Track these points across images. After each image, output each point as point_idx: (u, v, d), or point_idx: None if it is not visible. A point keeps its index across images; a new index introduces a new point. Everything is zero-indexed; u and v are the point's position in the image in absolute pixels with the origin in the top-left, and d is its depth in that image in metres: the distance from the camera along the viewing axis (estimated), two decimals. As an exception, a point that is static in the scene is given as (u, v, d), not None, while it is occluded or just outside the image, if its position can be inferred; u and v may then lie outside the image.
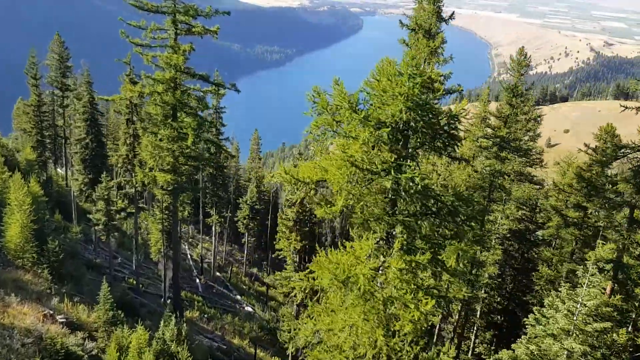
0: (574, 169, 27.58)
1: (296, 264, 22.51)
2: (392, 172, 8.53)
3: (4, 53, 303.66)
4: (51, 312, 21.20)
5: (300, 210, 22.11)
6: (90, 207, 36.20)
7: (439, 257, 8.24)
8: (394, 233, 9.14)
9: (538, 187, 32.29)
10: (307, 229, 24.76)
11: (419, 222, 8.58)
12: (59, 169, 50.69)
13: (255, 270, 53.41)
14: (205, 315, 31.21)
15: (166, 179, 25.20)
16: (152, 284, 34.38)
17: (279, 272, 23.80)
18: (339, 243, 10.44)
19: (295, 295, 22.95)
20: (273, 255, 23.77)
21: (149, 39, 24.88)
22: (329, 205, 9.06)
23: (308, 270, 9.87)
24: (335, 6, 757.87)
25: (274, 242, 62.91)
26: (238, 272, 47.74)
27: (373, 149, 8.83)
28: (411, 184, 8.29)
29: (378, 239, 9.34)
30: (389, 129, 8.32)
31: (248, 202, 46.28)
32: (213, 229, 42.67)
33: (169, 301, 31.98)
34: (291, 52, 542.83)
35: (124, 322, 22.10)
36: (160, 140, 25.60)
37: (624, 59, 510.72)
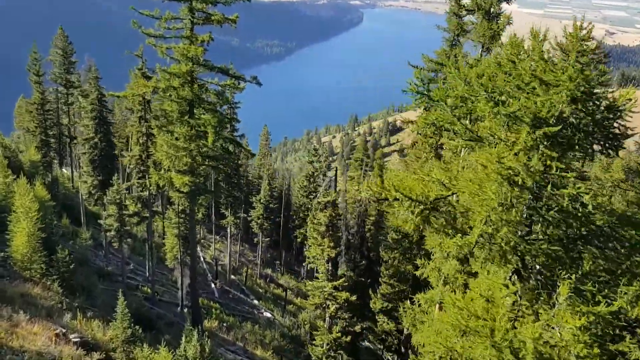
0: None
1: (329, 273, 20.57)
2: (549, 188, 6.51)
3: (3, 49, 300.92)
4: (64, 330, 19.32)
5: (333, 214, 20.20)
6: (99, 210, 34.32)
7: (614, 304, 6.20)
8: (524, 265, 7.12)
9: None
10: (340, 234, 22.89)
11: (573, 251, 6.56)
12: (64, 169, 48.75)
13: (269, 271, 51.54)
14: (225, 324, 29.34)
15: (183, 180, 23.21)
16: (167, 291, 32.50)
17: (310, 282, 21.89)
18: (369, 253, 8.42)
19: (327, 307, 21.09)
20: (304, 264, 21.88)
21: (163, 29, 22.84)
22: (459, 235, 7.05)
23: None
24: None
25: (292, 242, 61.34)
26: (252, 274, 45.85)
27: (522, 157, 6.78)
28: (573, 203, 6.28)
29: (509, 274, 7.35)
30: (556, 127, 6.26)
31: (262, 200, 44.32)
32: (228, 230, 40.75)
33: (185, 310, 30.10)
34: (291, 45, 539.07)
35: (142, 339, 20.23)
36: (177, 139, 23.60)
37: (626, 48, 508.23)
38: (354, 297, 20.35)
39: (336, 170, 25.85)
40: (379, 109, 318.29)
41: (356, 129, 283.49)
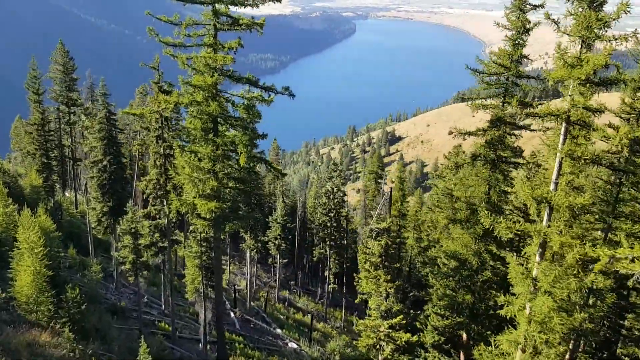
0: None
1: (385, 311, 17.78)
2: None
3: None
4: (80, 388, 16.45)
5: (389, 242, 17.49)
6: (108, 237, 31.49)
7: None
8: None
9: None
10: (397, 265, 20.19)
11: None
12: (67, 193, 45.88)
13: (286, 293, 48.60)
14: (252, 362, 26.46)
15: (209, 207, 20.43)
16: (186, 326, 29.54)
17: (361, 320, 19.11)
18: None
19: (382, 349, 18.31)
20: (356, 301, 19.20)
21: (183, 37, 20.23)
22: None
23: None
24: (328, 11, 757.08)
25: (308, 261, 58.42)
26: (270, 298, 42.90)
27: None
28: None
29: None
30: None
31: (279, 220, 41.53)
32: (248, 255, 37.85)
33: (208, 347, 27.19)
34: (285, 59, 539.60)
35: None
36: (200, 160, 20.89)
37: (619, 51, 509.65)
38: (415, 338, 17.62)
39: (390, 191, 23.15)
40: (376, 119, 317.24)
41: (355, 139, 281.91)
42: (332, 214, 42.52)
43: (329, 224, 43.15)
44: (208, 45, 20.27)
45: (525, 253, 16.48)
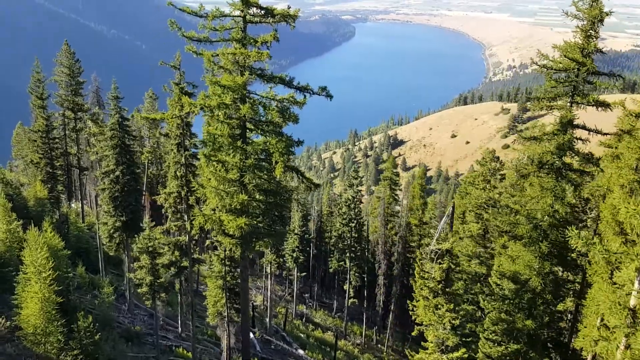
0: None
1: (445, 344, 15.41)
2: None
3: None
4: None
5: (452, 266, 15.15)
6: (119, 254, 29.17)
7: None
8: None
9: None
10: (461, 292, 17.93)
11: None
12: (72, 204, 43.51)
13: (303, 308, 46.15)
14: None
15: (237, 223, 18.06)
16: (205, 350, 27.11)
17: (417, 355, 16.71)
18: None
19: (442, 384, 16.04)
20: (412, 333, 16.82)
21: (208, 31, 17.92)
22: None
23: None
24: (327, 15, 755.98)
25: (325, 273, 55.65)
26: (287, 314, 40.49)
27: None
28: None
29: None
30: None
31: (296, 231, 39.18)
32: (268, 270, 35.41)
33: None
34: (285, 62, 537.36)
35: None
36: (227, 170, 18.57)
37: (618, 53, 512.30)
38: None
39: (453, 206, 20.85)
40: (378, 122, 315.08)
41: (356, 143, 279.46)
42: (352, 224, 40.15)
43: (348, 235, 40.77)
44: (237, 41, 17.99)
45: (610, 277, 14.16)
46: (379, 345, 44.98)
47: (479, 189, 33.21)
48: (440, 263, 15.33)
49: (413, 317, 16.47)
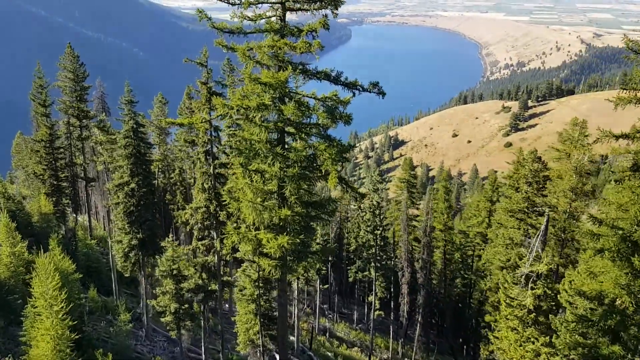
0: None
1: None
2: None
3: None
4: None
5: (548, 291, 12.61)
6: (135, 274, 26.58)
7: None
8: None
9: None
10: (549, 322, 15.37)
11: None
12: (79, 217, 40.91)
13: (325, 321, 43.58)
14: None
15: (280, 242, 15.55)
16: (232, 379, 24.51)
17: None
18: None
19: None
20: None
21: (240, 20, 15.44)
22: None
23: None
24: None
25: (345, 283, 52.83)
26: (313, 332, 37.86)
27: None
28: None
29: None
30: None
31: (318, 241, 36.56)
32: (295, 286, 32.81)
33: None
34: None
35: None
36: (266, 181, 16.09)
37: (615, 49, 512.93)
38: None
39: (547, 221, 18.25)
40: (377, 123, 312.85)
41: (357, 145, 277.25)
42: (378, 232, 37.63)
43: (373, 243, 38.25)
44: (274, 31, 15.50)
45: None
46: (405, 359, 42.46)
47: (520, 192, 30.81)
48: (532, 288, 12.88)
49: (497, 354, 13.90)
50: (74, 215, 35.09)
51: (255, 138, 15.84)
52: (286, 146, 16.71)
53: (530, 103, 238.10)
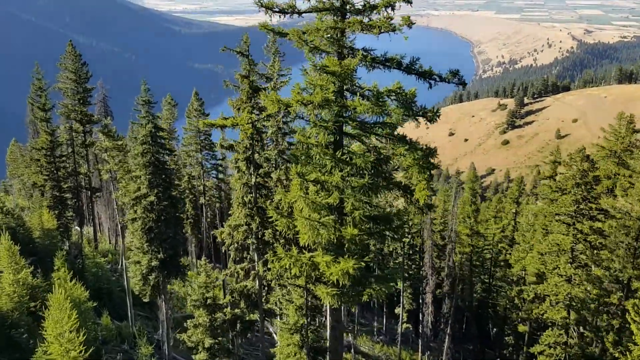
0: None
1: None
2: None
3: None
4: None
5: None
6: (155, 298, 23.68)
7: None
8: None
9: None
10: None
11: None
12: (83, 229, 37.93)
13: (348, 336, 40.77)
14: None
15: (344, 267, 12.80)
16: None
17: None
18: None
19: None
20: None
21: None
22: None
23: None
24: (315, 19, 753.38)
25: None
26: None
27: None
28: None
29: None
30: None
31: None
32: (327, 307, 29.92)
33: None
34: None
35: None
36: (321, 193, 13.34)
37: (606, 45, 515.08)
38: None
39: None
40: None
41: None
42: (406, 239, 34.97)
43: (401, 252, 35.57)
44: (333, 10, 12.77)
45: None
46: (434, 373, 39.83)
47: (569, 195, 28.22)
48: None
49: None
50: (78, 228, 32.16)
51: (312, 141, 13.08)
52: (344, 150, 13.97)
53: (526, 100, 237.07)
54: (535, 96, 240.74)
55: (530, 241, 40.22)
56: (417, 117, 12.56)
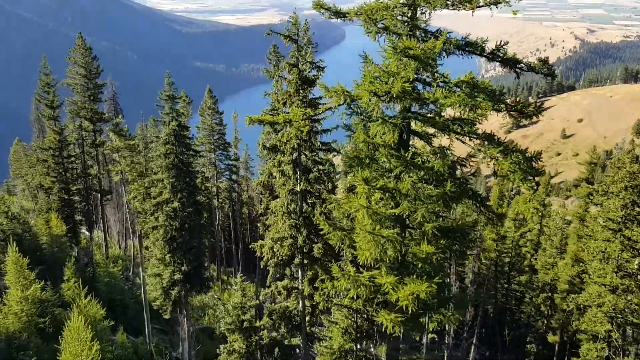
0: None
1: None
2: None
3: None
4: None
5: None
6: (174, 314, 21.64)
7: None
8: None
9: None
10: None
11: None
12: (93, 235, 35.88)
13: (370, 346, 38.75)
14: None
15: (414, 291, 10.79)
16: None
17: None
18: None
19: None
20: None
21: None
22: None
23: None
24: (316, 19, 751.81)
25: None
26: None
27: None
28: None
29: None
30: None
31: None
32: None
33: None
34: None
35: None
36: (390, 202, 11.32)
37: (609, 44, 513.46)
38: None
39: None
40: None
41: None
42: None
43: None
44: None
45: None
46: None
47: (616, 200, 26.21)
48: None
49: None
50: (87, 233, 30.16)
51: (379, 140, 11.03)
52: (413, 152, 11.92)
53: (530, 99, 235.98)
54: (540, 95, 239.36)
55: (560, 246, 38.32)
56: (512, 112, 10.47)
